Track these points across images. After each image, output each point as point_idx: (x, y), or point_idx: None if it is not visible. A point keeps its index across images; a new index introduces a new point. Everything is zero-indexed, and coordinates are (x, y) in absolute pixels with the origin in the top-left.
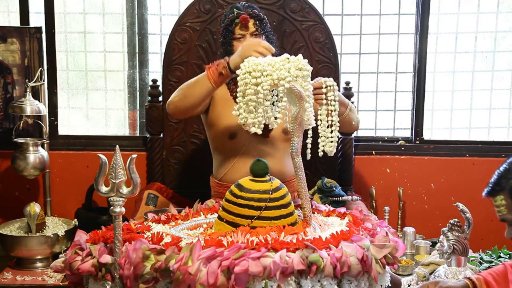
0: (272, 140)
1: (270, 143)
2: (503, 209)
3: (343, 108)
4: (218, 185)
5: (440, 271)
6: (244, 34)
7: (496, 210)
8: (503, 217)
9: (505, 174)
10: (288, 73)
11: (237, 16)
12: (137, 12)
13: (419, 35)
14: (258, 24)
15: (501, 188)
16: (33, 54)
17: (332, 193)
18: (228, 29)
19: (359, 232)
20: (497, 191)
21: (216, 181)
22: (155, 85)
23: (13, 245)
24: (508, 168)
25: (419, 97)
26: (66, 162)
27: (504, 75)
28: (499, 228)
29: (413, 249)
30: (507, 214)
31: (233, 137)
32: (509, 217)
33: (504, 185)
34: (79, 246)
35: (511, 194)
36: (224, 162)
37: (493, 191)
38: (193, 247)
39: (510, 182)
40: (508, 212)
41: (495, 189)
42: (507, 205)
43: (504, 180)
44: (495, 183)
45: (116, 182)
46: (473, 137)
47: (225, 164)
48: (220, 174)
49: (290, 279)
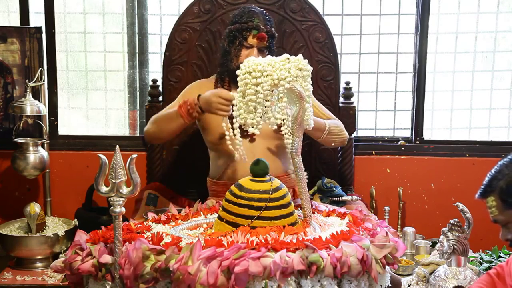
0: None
1: (257, 139)
2: (495, 210)
3: (319, 132)
4: (214, 184)
5: (440, 271)
6: (253, 46)
7: (489, 211)
8: (495, 218)
9: (496, 176)
10: (288, 73)
11: (256, 28)
12: (137, 12)
13: (419, 35)
14: (269, 40)
15: (492, 189)
16: (33, 54)
17: (332, 193)
18: (242, 34)
19: (359, 232)
20: (489, 192)
21: (212, 181)
22: (155, 85)
23: (13, 245)
24: (499, 169)
25: (419, 97)
26: (66, 162)
27: (504, 75)
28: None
29: (413, 249)
30: (499, 215)
31: (222, 138)
32: (501, 218)
33: (494, 186)
34: (79, 246)
35: (501, 195)
36: (218, 162)
37: (485, 192)
38: (193, 247)
39: (500, 183)
40: (500, 213)
41: (486, 190)
42: (498, 206)
43: (495, 181)
44: (487, 184)
45: (116, 182)
46: (473, 137)
47: (219, 165)
48: (216, 174)
49: (290, 279)
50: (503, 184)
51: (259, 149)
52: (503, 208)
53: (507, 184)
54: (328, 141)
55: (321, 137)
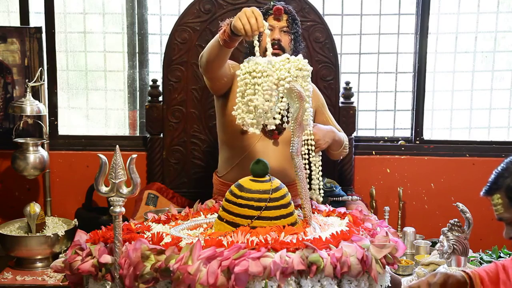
0: (282, 141)
1: (280, 144)
2: (500, 208)
3: (337, 146)
4: (221, 183)
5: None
6: (275, 26)
7: (494, 209)
8: (501, 216)
9: (502, 173)
10: (288, 73)
11: (272, 8)
12: (137, 12)
13: (419, 35)
14: (290, 21)
15: (498, 187)
16: (33, 54)
17: (332, 193)
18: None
19: (359, 232)
20: (494, 190)
21: (219, 179)
22: (155, 85)
23: (13, 245)
24: (505, 167)
25: (419, 97)
26: (66, 162)
27: (504, 75)
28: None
29: (413, 249)
30: (504, 213)
31: (245, 132)
32: (506, 216)
33: (501, 183)
34: (79, 246)
35: (508, 193)
36: (230, 158)
37: (491, 189)
38: (193, 247)
39: (506, 181)
40: (505, 211)
41: (492, 187)
42: (504, 204)
43: (501, 179)
44: (493, 182)
45: (116, 182)
46: (473, 137)
47: (231, 160)
48: (225, 170)
49: (290, 279)
50: (510, 181)
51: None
52: (509, 205)
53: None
54: (338, 155)
55: (336, 152)
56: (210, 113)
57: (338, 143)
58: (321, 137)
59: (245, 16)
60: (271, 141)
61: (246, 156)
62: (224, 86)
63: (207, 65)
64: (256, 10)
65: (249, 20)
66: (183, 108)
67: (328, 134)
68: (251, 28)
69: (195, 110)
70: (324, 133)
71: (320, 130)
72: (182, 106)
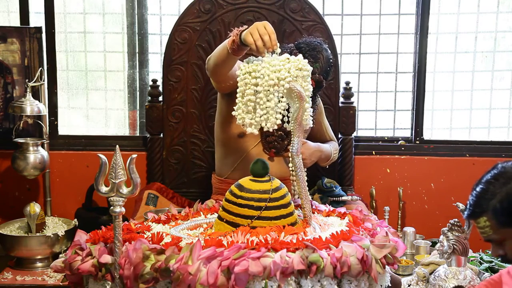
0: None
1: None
2: (488, 230)
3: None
4: (219, 182)
5: (440, 271)
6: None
7: (480, 232)
8: (489, 237)
9: (483, 195)
10: (288, 73)
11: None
12: (137, 12)
13: (419, 35)
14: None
15: (483, 210)
16: (33, 54)
17: (332, 193)
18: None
19: (359, 232)
20: (479, 213)
21: (218, 178)
22: (155, 85)
23: (13, 245)
24: (485, 188)
25: (419, 97)
26: (66, 162)
27: (504, 75)
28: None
29: (413, 249)
30: (493, 235)
31: (242, 136)
32: (495, 237)
33: (485, 206)
34: (79, 246)
35: (495, 214)
36: (229, 160)
37: (474, 213)
38: (193, 247)
39: (491, 203)
40: (494, 232)
41: (475, 211)
42: (492, 226)
43: (484, 201)
44: (475, 205)
45: (116, 182)
46: (473, 137)
47: (230, 163)
48: (224, 172)
49: (290, 279)
50: (495, 203)
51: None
52: (498, 227)
53: (500, 202)
54: (326, 164)
55: (324, 164)
56: (210, 113)
57: (325, 159)
58: (307, 156)
59: (257, 32)
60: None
61: (244, 160)
62: (231, 87)
63: (215, 69)
64: (269, 26)
65: (262, 37)
66: (183, 108)
67: (314, 154)
68: (264, 44)
69: (195, 110)
70: (311, 152)
71: (307, 149)
72: (182, 106)
